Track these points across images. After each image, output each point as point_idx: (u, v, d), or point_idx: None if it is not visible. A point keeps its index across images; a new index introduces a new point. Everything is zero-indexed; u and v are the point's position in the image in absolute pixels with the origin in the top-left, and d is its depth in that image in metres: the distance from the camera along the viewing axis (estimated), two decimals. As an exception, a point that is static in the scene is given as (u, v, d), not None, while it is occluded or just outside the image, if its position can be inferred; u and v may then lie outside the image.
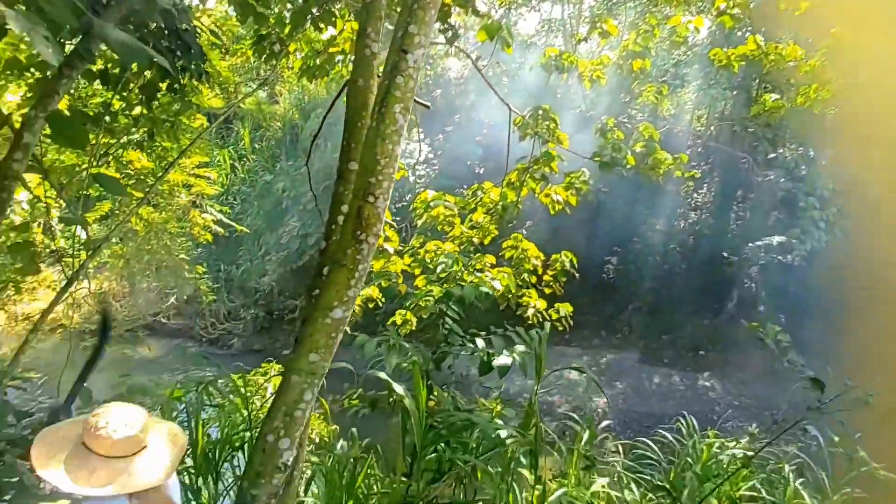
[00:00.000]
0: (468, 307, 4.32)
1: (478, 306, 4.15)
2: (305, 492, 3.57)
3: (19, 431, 2.66)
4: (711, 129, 13.02)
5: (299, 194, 13.18)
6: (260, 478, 2.45)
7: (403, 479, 3.64)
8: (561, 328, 5.78)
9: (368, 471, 4.29)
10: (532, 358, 3.49)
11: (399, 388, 3.21)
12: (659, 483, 3.94)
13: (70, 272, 3.84)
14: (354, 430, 4.27)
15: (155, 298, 12.66)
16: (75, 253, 4.22)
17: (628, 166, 5.36)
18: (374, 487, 3.90)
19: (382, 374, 3.22)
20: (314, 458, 3.91)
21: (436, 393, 3.55)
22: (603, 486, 4.23)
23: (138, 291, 12.51)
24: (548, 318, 5.67)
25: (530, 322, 5.56)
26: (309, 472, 3.76)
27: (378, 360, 3.74)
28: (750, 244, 11.29)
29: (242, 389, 4.85)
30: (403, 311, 5.02)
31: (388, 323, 5.06)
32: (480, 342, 3.84)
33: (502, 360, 3.46)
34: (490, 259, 5.41)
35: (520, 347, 3.58)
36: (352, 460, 3.98)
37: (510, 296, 5.61)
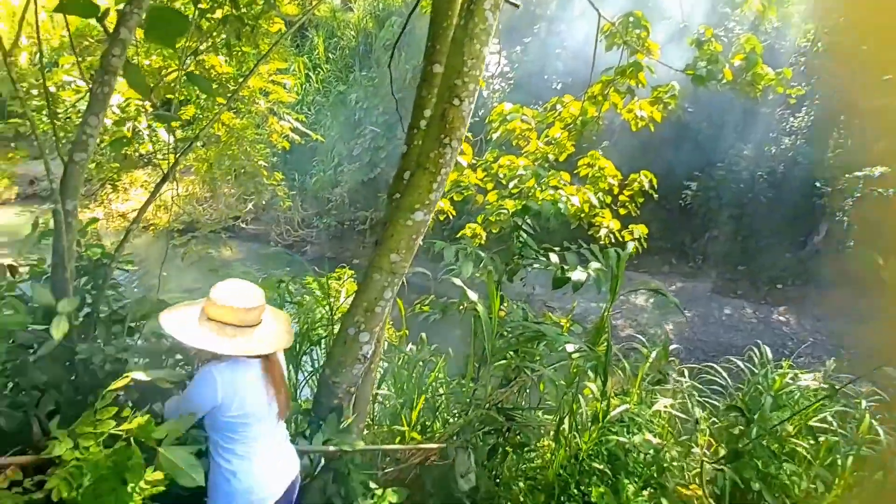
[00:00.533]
0: (541, 224, 4.27)
1: (549, 224, 4.09)
2: (378, 386, 3.79)
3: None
4: (819, 45, 11.74)
5: (372, 106, 13.15)
6: (342, 367, 2.62)
7: (471, 383, 3.80)
8: (633, 251, 5.65)
9: (437, 374, 4.50)
10: (608, 275, 3.45)
11: (473, 295, 3.27)
12: (732, 404, 3.91)
13: (160, 174, 4.04)
14: (424, 334, 4.44)
15: (234, 203, 13.27)
16: (164, 155, 4.41)
17: (724, 81, 4.96)
18: (441, 389, 4.08)
19: (457, 280, 3.28)
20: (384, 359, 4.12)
21: (506, 304, 3.60)
22: (666, 406, 4.27)
23: (220, 196, 13.14)
24: (621, 240, 5.55)
25: (602, 243, 5.46)
26: (381, 370, 3.96)
27: (450, 269, 3.79)
28: (847, 175, 10.44)
29: (317, 292, 5.11)
30: (474, 225, 5.03)
31: (458, 235, 5.10)
32: (554, 257, 3.82)
33: (578, 274, 3.44)
34: (565, 176, 5.26)
35: (594, 265, 3.54)
36: (420, 363, 4.17)
37: (583, 215, 5.50)
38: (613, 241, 5.59)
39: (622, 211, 5.98)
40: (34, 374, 2.23)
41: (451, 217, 5.54)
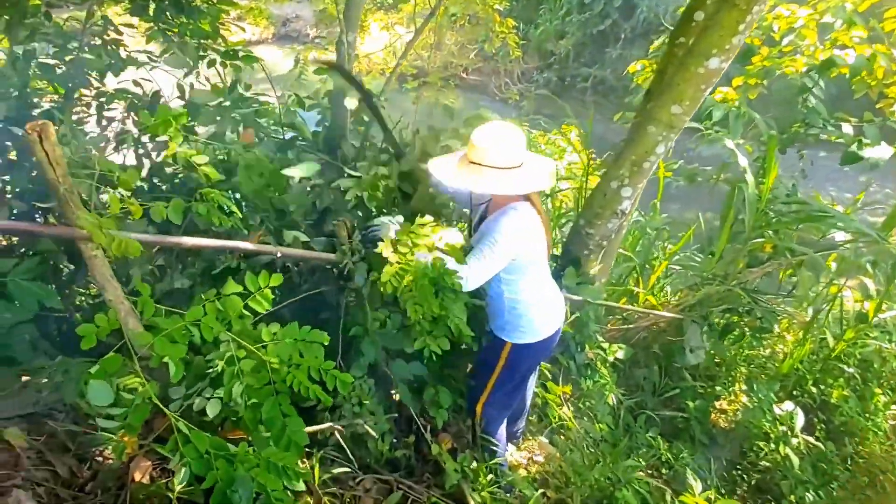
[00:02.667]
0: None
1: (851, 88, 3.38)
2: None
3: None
4: None
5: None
6: (597, 219, 2.58)
7: (711, 256, 3.55)
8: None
9: (666, 244, 4.29)
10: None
11: (743, 160, 2.92)
12: None
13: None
14: (657, 201, 4.17)
15: (457, 52, 13.30)
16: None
17: None
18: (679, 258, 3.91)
19: (728, 142, 2.93)
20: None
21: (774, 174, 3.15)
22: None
23: (444, 44, 13.24)
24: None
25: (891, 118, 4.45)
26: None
27: (707, 133, 3.40)
28: None
29: (543, 146, 5.03)
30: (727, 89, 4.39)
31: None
32: (848, 128, 3.20)
33: (880, 150, 2.85)
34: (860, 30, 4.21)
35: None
36: (655, 229, 3.99)
37: (874, 83, 4.47)
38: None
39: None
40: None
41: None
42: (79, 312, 2.26)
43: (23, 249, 2.07)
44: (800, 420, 3.11)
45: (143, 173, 2.41)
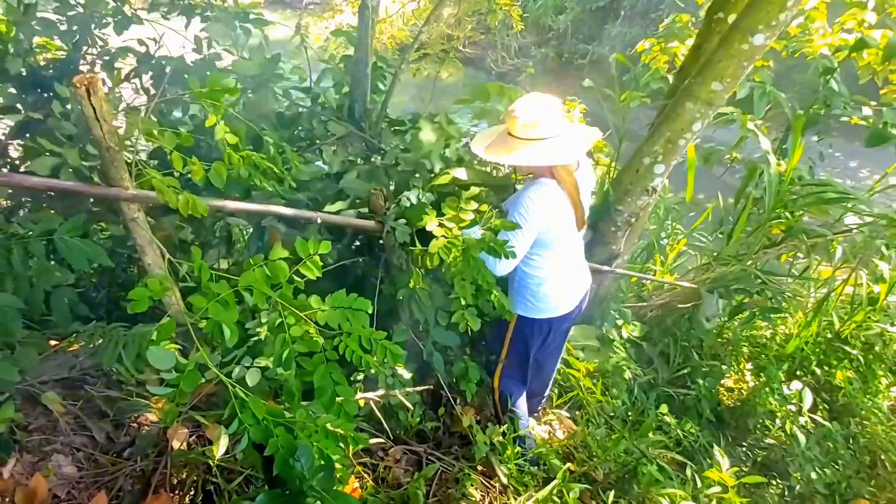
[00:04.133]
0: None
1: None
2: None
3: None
4: None
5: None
6: (628, 195, 2.56)
7: (722, 235, 3.57)
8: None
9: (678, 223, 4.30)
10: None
11: (765, 142, 2.92)
12: None
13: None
14: (665, 181, 4.16)
15: (454, 24, 13.07)
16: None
17: None
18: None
19: (750, 123, 2.92)
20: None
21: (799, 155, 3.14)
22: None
23: (440, 16, 12.99)
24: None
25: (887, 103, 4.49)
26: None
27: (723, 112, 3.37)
28: None
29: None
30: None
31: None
32: (867, 110, 3.21)
33: (907, 133, 2.87)
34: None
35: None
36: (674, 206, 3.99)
37: (879, 68, 4.49)
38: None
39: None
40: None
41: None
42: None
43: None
44: (808, 400, 3.17)
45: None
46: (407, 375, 2.03)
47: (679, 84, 2.62)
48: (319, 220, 1.81)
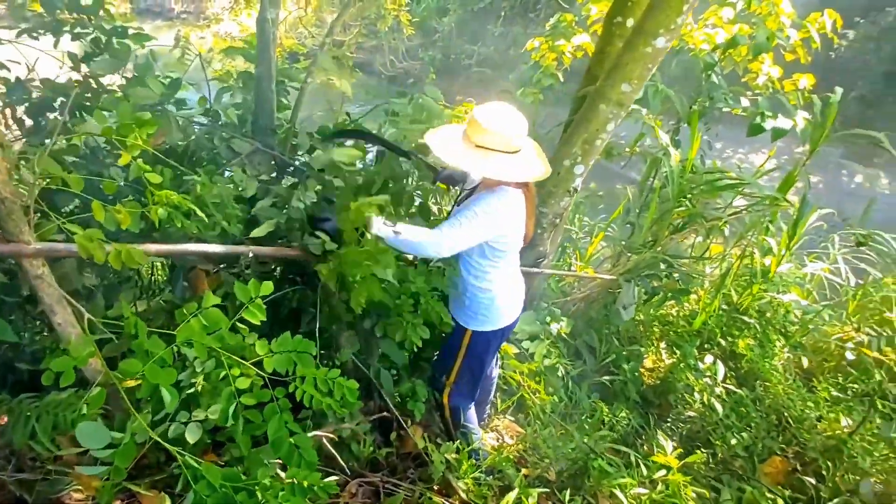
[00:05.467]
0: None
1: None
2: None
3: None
4: None
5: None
6: (551, 198, 2.62)
7: (629, 226, 3.77)
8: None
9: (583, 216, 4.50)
10: (818, 127, 3.16)
11: (664, 137, 3.11)
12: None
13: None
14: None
15: (341, 30, 12.85)
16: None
17: None
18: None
19: (649, 119, 3.09)
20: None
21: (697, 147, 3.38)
22: (818, 270, 4.17)
23: (324, 21, 12.71)
24: (781, 91, 5.01)
25: (758, 92, 4.97)
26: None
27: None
28: None
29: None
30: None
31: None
32: (745, 101, 3.51)
33: (781, 122, 3.16)
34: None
35: (803, 113, 3.24)
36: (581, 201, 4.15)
37: (739, 59, 4.95)
38: (771, 89, 5.07)
39: (789, 57, 5.33)
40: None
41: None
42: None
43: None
44: (721, 371, 3.42)
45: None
46: (357, 407, 1.93)
47: (587, 87, 2.72)
48: (251, 255, 1.67)
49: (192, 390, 1.57)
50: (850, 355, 3.72)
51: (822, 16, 5.07)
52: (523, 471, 2.33)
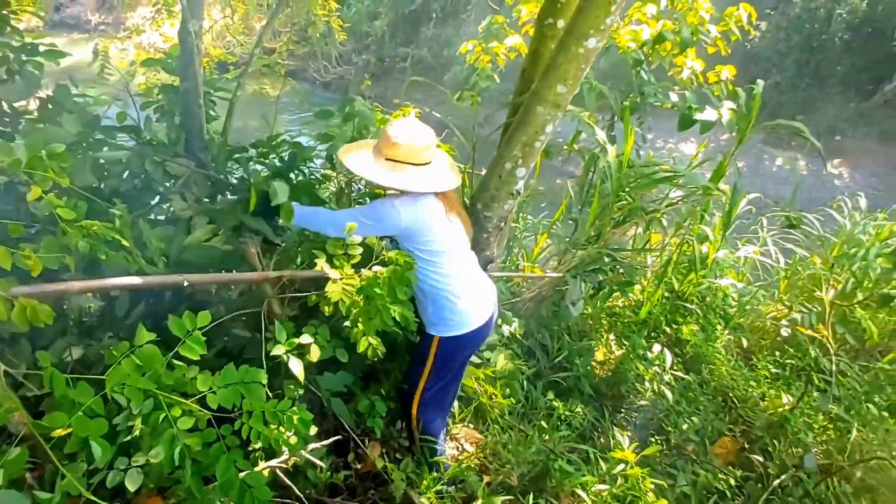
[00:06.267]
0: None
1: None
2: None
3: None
4: None
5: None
6: (495, 201, 2.61)
7: (571, 222, 3.83)
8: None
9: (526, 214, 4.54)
10: (744, 117, 3.30)
11: (601, 134, 3.16)
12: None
13: None
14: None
15: (271, 37, 12.54)
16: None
17: None
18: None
19: (585, 116, 3.14)
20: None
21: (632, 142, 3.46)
22: (750, 254, 4.37)
23: (252, 29, 12.37)
24: (705, 84, 5.23)
25: (684, 87, 5.16)
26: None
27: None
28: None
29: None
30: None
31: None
32: (674, 95, 3.62)
33: (709, 114, 3.28)
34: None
35: (728, 104, 3.37)
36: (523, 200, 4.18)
37: (664, 54, 5.13)
38: (695, 82, 5.27)
39: (711, 49, 5.57)
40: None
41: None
42: None
43: None
44: (668, 359, 3.51)
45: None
46: (312, 431, 1.86)
47: (523, 89, 2.73)
48: (186, 284, 1.57)
49: (130, 436, 1.47)
50: (784, 332, 3.91)
51: (737, 9, 5.31)
52: (485, 478, 2.32)
